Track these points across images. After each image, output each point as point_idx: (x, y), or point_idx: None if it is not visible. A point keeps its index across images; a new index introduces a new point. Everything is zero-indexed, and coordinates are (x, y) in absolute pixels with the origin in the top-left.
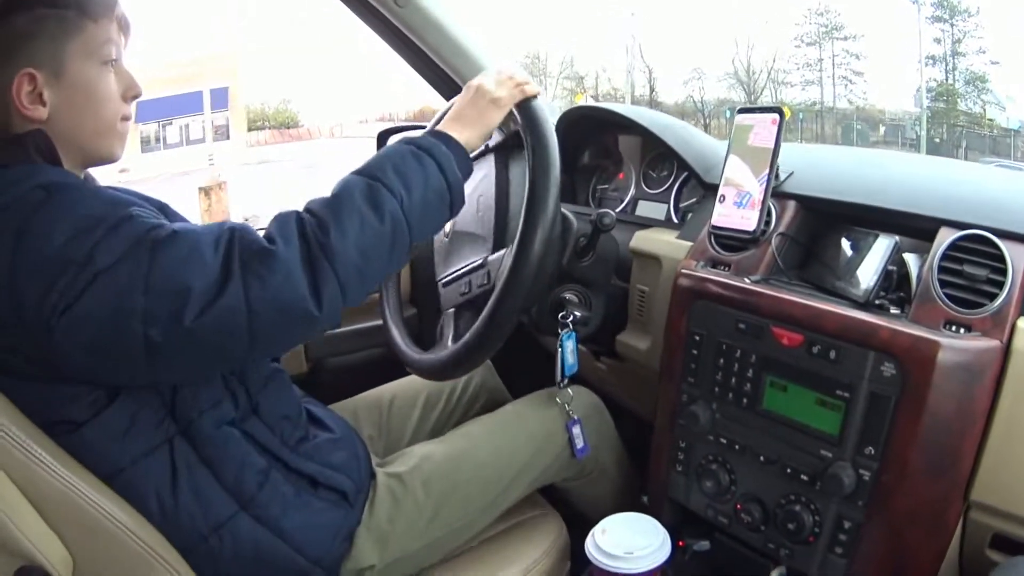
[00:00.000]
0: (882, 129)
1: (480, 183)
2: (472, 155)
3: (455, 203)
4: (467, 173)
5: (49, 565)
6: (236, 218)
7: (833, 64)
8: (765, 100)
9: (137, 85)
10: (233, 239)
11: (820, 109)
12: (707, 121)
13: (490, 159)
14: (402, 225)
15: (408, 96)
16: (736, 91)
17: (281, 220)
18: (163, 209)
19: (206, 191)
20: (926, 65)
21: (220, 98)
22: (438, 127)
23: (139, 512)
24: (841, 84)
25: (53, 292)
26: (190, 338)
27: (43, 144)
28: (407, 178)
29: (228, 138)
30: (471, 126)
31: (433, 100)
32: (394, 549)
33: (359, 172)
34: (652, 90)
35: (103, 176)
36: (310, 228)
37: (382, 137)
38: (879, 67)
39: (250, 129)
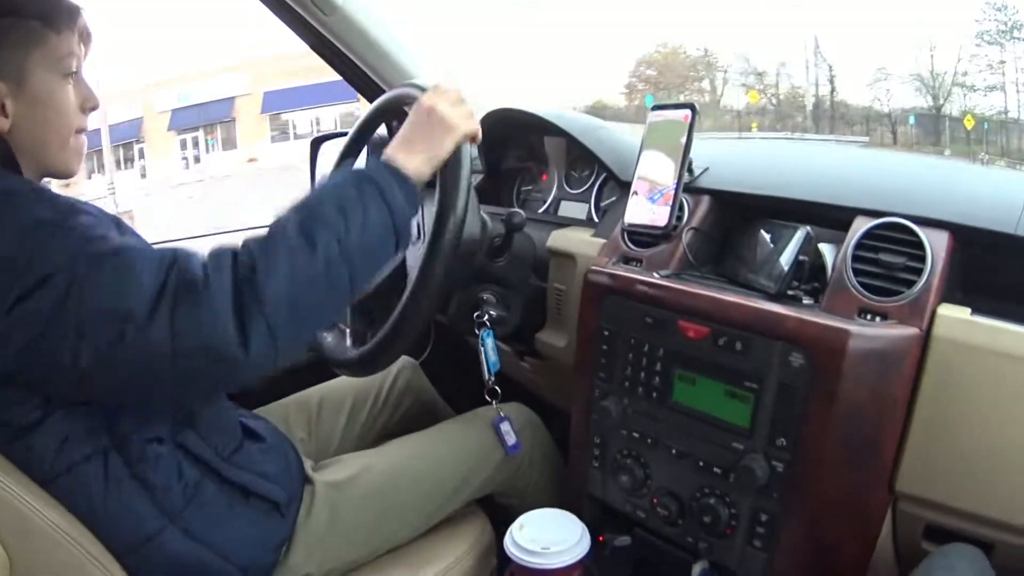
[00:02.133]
0: None
1: None
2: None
3: (401, 240)
4: (415, 207)
5: None
6: None
7: (1016, 68)
8: (952, 106)
9: (95, 97)
10: (174, 266)
11: (1005, 119)
12: (893, 128)
13: None
14: (339, 264)
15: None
16: (922, 96)
17: (215, 254)
18: (116, 224)
19: None
20: None
21: (344, 89)
22: (386, 152)
23: (74, 516)
24: None
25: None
26: (114, 363)
27: (3, 151)
28: (347, 212)
29: (234, 148)
30: (422, 153)
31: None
32: (331, 558)
33: (296, 207)
34: (833, 90)
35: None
36: (241, 265)
37: (315, 144)
38: None
39: None
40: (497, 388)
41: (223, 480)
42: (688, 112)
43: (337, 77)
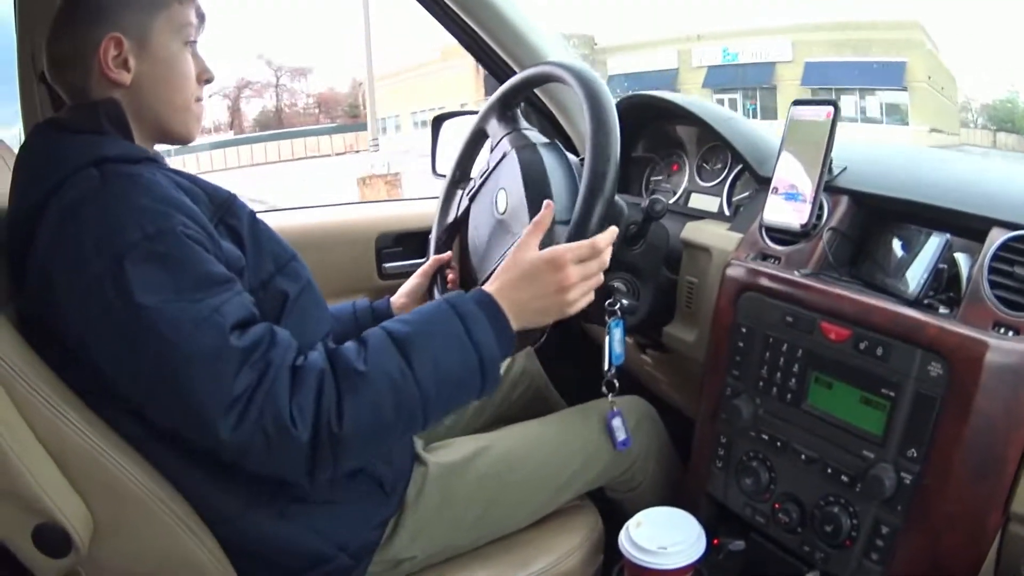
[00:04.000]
0: None
1: (500, 178)
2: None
3: (486, 388)
4: (509, 353)
5: (69, 524)
6: None
7: None
8: None
9: (210, 70)
10: (268, 368)
11: None
12: None
13: (503, 149)
14: (419, 410)
15: None
16: None
17: (303, 383)
18: (228, 204)
19: None
20: None
21: (891, 73)
22: (494, 287)
23: (166, 480)
24: None
25: (78, 278)
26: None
27: (114, 113)
28: (439, 370)
29: (906, 123)
30: (525, 317)
31: None
32: (437, 542)
33: (398, 342)
34: None
35: None
36: (326, 412)
37: (436, 123)
38: None
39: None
40: (615, 381)
41: None
42: (831, 109)
43: (888, 57)
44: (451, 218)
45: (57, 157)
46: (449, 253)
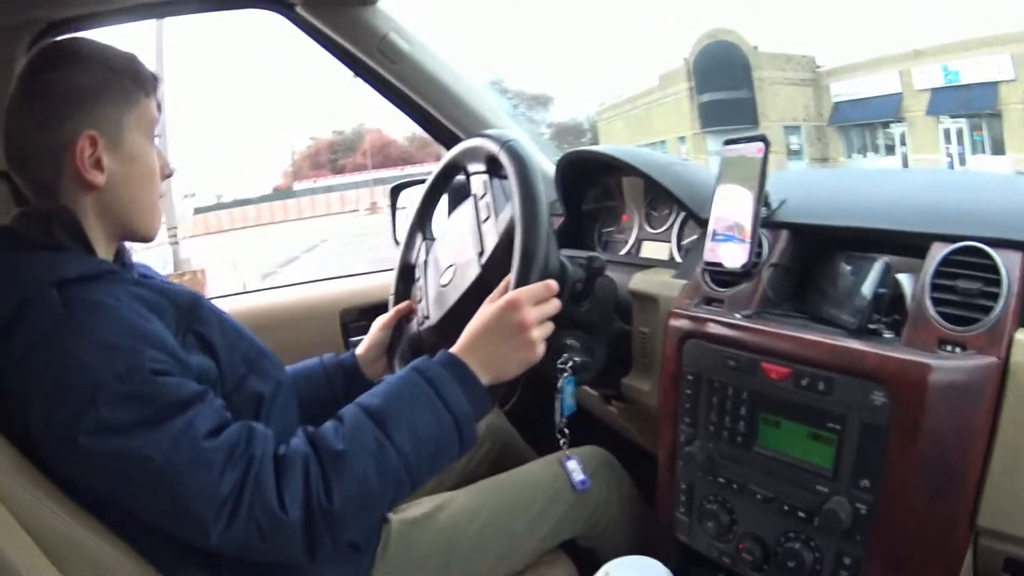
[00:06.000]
0: None
1: (458, 230)
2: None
3: (465, 442)
4: (484, 411)
5: None
6: None
7: None
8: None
9: (170, 164)
10: (249, 469)
11: None
12: None
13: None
14: (404, 482)
15: None
16: None
17: (289, 466)
18: (194, 310)
19: None
20: None
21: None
22: (458, 350)
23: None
24: None
25: (55, 418)
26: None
27: (70, 224)
28: (417, 433)
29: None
30: (491, 370)
31: None
32: None
33: (372, 415)
34: None
35: None
36: (315, 492)
37: (394, 192)
38: None
39: None
40: (566, 430)
41: None
42: (761, 144)
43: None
44: (412, 261)
45: (14, 279)
46: (407, 302)
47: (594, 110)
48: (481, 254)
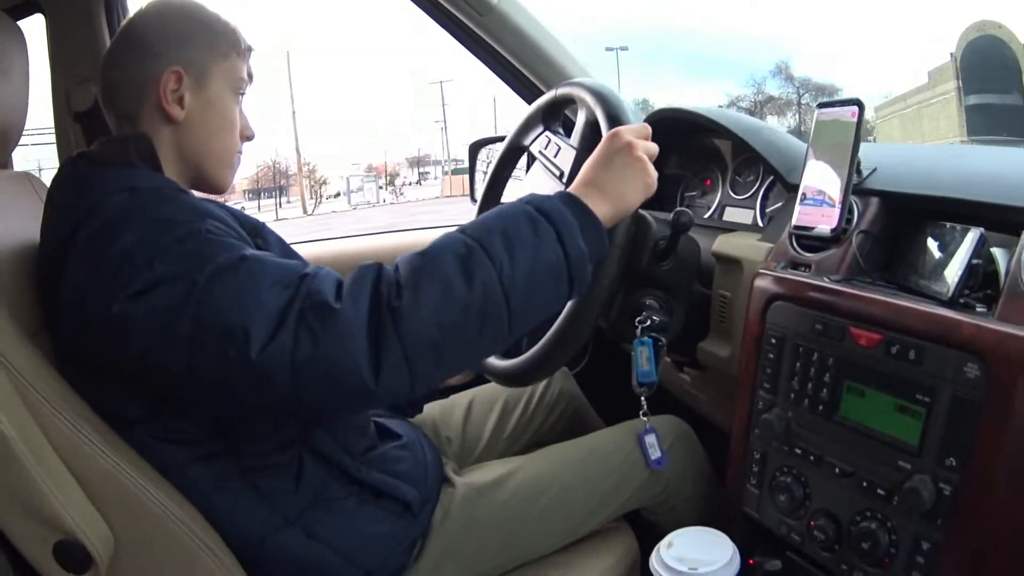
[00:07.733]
0: None
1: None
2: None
3: (575, 281)
4: (599, 250)
5: (88, 542)
6: None
7: None
8: None
9: (251, 128)
10: (301, 284)
11: None
12: None
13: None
14: (497, 300)
15: None
16: None
17: (359, 275)
18: (257, 231)
19: None
20: None
21: None
22: (575, 189)
23: (189, 503)
24: None
25: (110, 288)
26: (227, 381)
27: (146, 149)
28: (514, 245)
29: None
30: (610, 197)
31: None
32: (465, 565)
33: (462, 230)
34: None
35: None
36: (385, 287)
37: (474, 148)
38: None
39: None
40: (644, 400)
41: (352, 480)
42: (855, 108)
43: None
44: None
45: (88, 188)
46: None
47: (873, 105)
48: (561, 176)
